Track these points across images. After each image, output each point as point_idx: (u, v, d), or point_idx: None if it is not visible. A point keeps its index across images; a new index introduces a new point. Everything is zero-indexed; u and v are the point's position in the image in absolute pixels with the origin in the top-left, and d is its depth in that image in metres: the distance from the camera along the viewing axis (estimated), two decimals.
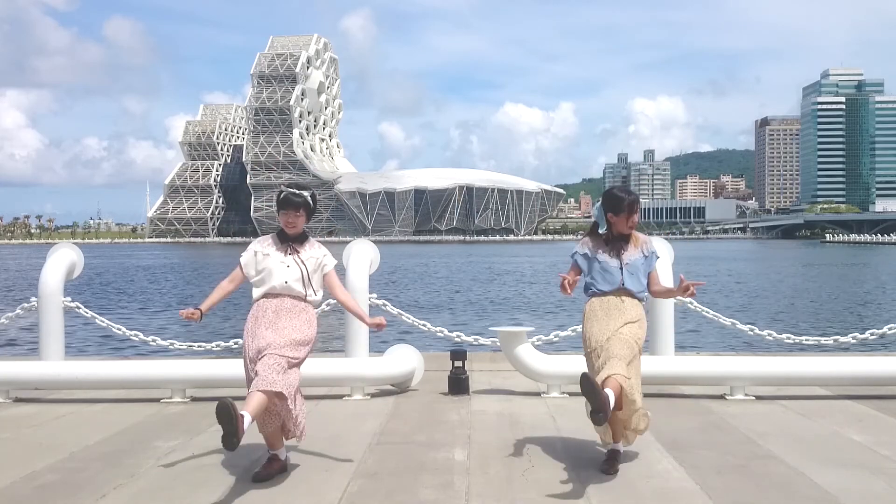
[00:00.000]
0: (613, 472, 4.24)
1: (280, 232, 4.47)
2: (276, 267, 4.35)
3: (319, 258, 4.46)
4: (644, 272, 4.47)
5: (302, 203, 4.39)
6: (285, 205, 4.38)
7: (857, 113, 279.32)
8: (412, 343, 7.48)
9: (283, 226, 4.41)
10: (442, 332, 7.44)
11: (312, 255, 4.44)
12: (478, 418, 5.60)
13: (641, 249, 4.48)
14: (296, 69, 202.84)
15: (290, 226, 4.40)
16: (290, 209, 4.37)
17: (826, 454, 4.56)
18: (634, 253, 4.45)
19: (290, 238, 4.43)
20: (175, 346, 7.64)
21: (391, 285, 37.03)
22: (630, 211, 4.41)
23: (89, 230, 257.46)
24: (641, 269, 4.46)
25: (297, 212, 4.38)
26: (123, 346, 15.05)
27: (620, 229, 4.44)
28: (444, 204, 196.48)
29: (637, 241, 4.49)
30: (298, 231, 4.44)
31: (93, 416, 5.83)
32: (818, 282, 39.26)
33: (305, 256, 4.42)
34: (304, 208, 4.40)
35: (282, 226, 4.43)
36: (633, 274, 4.41)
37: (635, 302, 4.43)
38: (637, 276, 4.43)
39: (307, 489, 3.99)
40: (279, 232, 4.47)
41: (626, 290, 4.40)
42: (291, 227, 4.40)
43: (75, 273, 7.25)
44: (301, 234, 4.46)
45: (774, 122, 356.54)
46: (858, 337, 7.06)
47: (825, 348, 7.91)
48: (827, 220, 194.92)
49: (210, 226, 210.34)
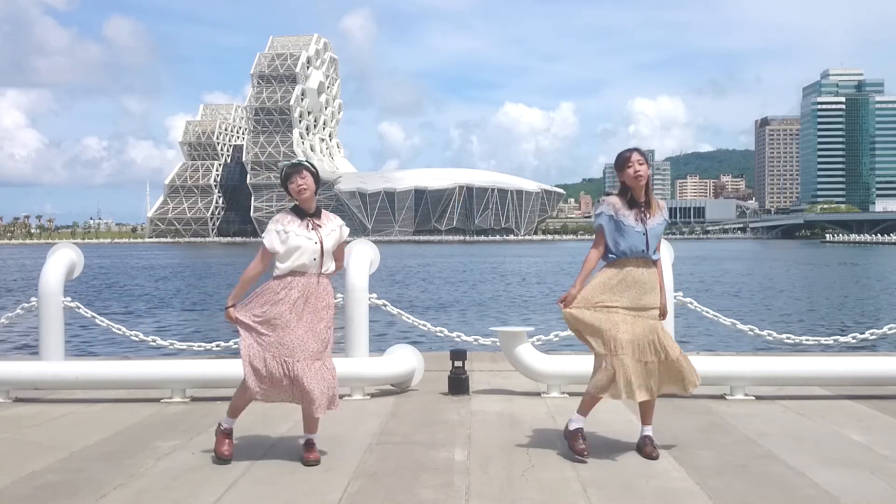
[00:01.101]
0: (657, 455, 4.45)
1: (295, 207, 4.47)
2: (303, 243, 4.36)
3: (338, 230, 4.52)
4: (660, 237, 4.55)
5: (304, 166, 4.42)
6: (290, 173, 4.40)
7: (857, 113, 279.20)
8: (412, 343, 7.48)
9: (296, 195, 4.41)
10: (442, 332, 7.44)
11: (331, 229, 4.48)
12: (478, 418, 5.60)
13: (662, 213, 4.52)
14: (296, 69, 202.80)
15: (303, 190, 4.38)
16: (295, 174, 4.39)
17: (826, 454, 4.56)
18: (657, 217, 4.48)
19: (308, 213, 4.44)
20: (175, 346, 7.64)
21: (391, 285, 37.02)
22: (626, 162, 4.42)
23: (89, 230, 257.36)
24: (661, 234, 4.52)
25: (302, 174, 4.39)
26: (123, 347, 15.05)
27: (629, 183, 4.45)
28: (444, 204, 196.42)
29: (658, 206, 4.52)
30: (311, 199, 4.45)
31: (93, 416, 5.83)
32: (818, 282, 39.26)
33: (326, 232, 4.45)
34: (306, 171, 4.42)
35: (295, 199, 4.43)
36: (655, 238, 4.46)
37: (653, 272, 4.47)
38: (656, 241, 4.48)
39: (307, 489, 3.99)
40: (293, 208, 4.48)
41: (647, 257, 4.43)
42: (304, 192, 4.39)
43: (75, 273, 7.24)
44: (317, 208, 4.49)
45: (774, 122, 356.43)
46: (858, 337, 7.06)
47: (825, 348, 7.92)
48: (827, 220, 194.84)
49: (210, 226, 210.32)
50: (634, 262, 4.43)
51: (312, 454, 4.44)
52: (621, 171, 4.48)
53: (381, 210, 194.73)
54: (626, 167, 4.44)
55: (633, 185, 4.45)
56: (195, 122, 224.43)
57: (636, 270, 4.42)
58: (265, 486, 4.05)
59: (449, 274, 48.55)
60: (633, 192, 4.48)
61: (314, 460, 4.40)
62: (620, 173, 4.49)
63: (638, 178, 4.42)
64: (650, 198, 4.49)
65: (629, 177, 4.44)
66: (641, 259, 4.43)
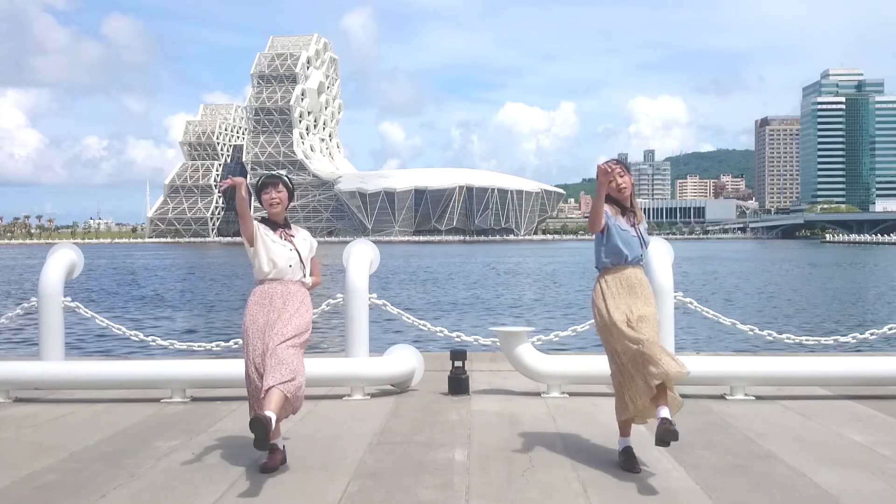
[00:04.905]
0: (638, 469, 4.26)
1: (265, 219, 4.53)
2: (280, 251, 4.43)
3: (309, 241, 4.61)
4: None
5: (282, 181, 4.48)
6: (266, 184, 4.47)
7: (857, 113, 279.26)
8: (412, 343, 7.48)
9: (267, 206, 4.48)
10: (442, 332, 7.45)
11: (303, 239, 4.57)
12: (478, 418, 5.60)
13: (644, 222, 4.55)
14: (296, 69, 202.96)
15: (274, 203, 4.46)
16: (271, 186, 4.46)
17: (826, 454, 4.56)
18: (643, 223, 4.53)
19: (281, 224, 4.52)
20: (175, 346, 7.64)
21: (391, 285, 37.03)
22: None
23: (89, 230, 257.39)
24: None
25: (277, 187, 4.47)
26: (124, 347, 15.06)
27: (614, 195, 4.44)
28: (445, 204, 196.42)
29: (641, 216, 4.55)
30: (282, 213, 4.52)
31: (93, 416, 5.83)
32: (818, 282, 39.26)
33: (299, 241, 4.54)
34: (282, 184, 4.49)
35: (266, 210, 4.50)
36: (646, 245, 4.49)
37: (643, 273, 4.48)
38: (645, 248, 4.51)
39: (307, 489, 3.99)
40: (263, 219, 4.53)
41: (640, 262, 4.45)
42: (276, 206, 4.47)
43: (75, 273, 7.25)
44: (285, 220, 4.56)
45: (774, 122, 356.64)
46: (858, 337, 7.07)
47: (825, 348, 7.92)
48: (827, 220, 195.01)
49: (210, 226, 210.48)
50: (632, 265, 4.42)
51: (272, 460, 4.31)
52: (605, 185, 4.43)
53: (381, 210, 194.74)
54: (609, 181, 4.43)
55: (618, 197, 4.46)
56: (195, 122, 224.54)
57: (632, 272, 4.41)
58: (265, 486, 4.05)
59: (449, 274, 48.55)
60: (620, 201, 4.49)
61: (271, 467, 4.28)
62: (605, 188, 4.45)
63: (622, 191, 4.45)
64: (634, 204, 4.52)
65: (613, 190, 4.44)
66: (637, 262, 4.43)
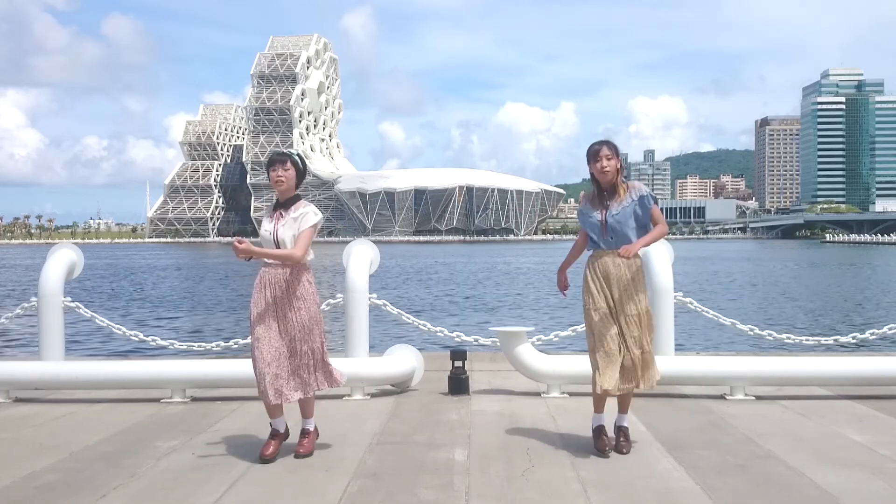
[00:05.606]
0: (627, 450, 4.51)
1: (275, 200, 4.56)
2: (263, 236, 4.48)
3: (298, 216, 4.45)
4: (637, 218, 4.47)
5: (291, 159, 4.46)
6: (275, 161, 4.45)
7: (857, 113, 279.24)
8: (412, 343, 7.49)
9: (273, 184, 4.47)
10: (442, 332, 7.44)
11: (292, 218, 4.45)
12: (478, 418, 5.60)
13: (630, 195, 4.49)
14: (296, 69, 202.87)
15: (279, 181, 4.43)
16: (279, 163, 4.43)
17: (826, 454, 4.56)
18: (619, 203, 4.47)
19: (281, 203, 4.48)
20: (175, 346, 7.64)
21: (391, 285, 37.02)
22: (594, 156, 4.46)
23: (89, 230, 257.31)
24: (631, 217, 4.46)
25: (285, 165, 4.43)
26: (124, 347, 15.05)
27: (597, 177, 4.49)
28: (445, 204, 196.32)
29: (623, 189, 4.51)
30: (288, 191, 4.48)
31: (93, 416, 5.83)
32: (818, 282, 39.25)
33: (283, 222, 4.45)
34: (290, 162, 4.45)
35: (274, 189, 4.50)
36: (620, 223, 4.43)
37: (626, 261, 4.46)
38: (624, 227, 4.44)
39: (307, 489, 3.99)
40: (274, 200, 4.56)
41: (614, 244, 4.45)
42: (280, 183, 4.44)
43: (75, 273, 7.25)
44: (292, 196, 4.51)
45: (774, 122, 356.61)
46: (858, 337, 7.07)
47: (825, 348, 7.92)
48: (827, 220, 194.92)
49: (210, 226, 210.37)
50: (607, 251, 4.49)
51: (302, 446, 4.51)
52: (590, 164, 4.53)
53: (381, 210, 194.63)
54: (594, 161, 4.49)
55: (600, 178, 4.50)
56: (195, 121, 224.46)
57: (608, 259, 4.48)
58: (265, 486, 4.05)
59: (449, 274, 48.55)
60: (601, 184, 4.53)
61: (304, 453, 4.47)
62: (590, 165, 4.54)
63: (604, 173, 4.47)
64: (617, 185, 4.51)
65: (596, 170, 4.50)
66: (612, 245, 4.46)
